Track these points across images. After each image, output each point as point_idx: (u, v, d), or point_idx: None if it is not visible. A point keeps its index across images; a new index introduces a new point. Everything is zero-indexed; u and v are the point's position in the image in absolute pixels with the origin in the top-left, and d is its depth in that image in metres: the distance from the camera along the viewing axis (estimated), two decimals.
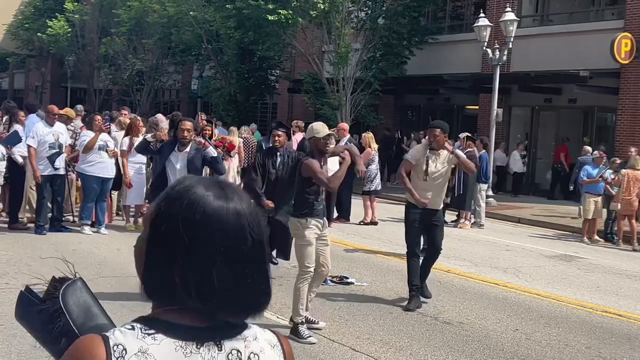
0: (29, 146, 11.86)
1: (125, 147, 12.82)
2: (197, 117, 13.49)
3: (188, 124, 9.33)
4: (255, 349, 1.60)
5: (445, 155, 8.69)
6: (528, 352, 7.22)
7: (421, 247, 9.27)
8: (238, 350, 1.58)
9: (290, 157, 9.50)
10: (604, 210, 15.41)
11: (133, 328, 1.53)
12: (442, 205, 9.01)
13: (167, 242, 1.55)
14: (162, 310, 1.56)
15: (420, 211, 8.68)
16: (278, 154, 9.50)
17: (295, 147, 15.23)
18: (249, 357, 1.59)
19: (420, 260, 8.85)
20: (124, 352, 1.49)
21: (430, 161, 8.61)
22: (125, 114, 16.37)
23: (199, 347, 1.54)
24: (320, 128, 7.49)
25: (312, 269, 7.28)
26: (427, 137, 8.95)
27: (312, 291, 7.58)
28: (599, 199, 15.12)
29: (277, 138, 9.45)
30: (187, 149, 9.19)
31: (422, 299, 8.79)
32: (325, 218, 7.61)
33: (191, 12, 31.10)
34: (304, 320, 7.24)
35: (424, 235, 9.07)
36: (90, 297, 1.80)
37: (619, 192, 14.67)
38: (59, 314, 1.74)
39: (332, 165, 14.24)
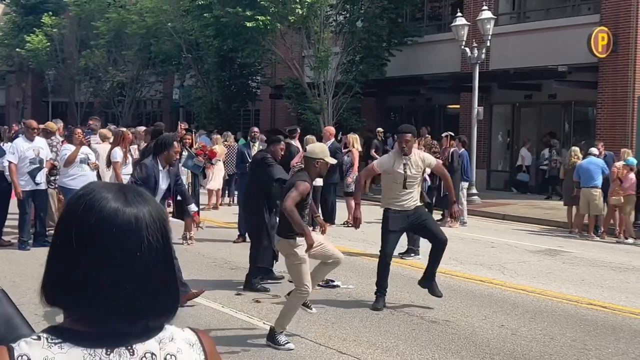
0: (9, 162, 11.80)
1: (118, 159, 12.75)
2: (177, 127, 13.48)
3: (178, 146, 9.11)
4: (171, 350, 1.57)
5: (416, 158, 8.71)
6: (514, 348, 7.26)
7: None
8: (152, 354, 1.55)
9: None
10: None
11: (39, 338, 1.51)
12: (420, 202, 9.03)
13: (65, 245, 1.53)
14: (71, 319, 1.54)
15: (401, 215, 8.69)
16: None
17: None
18: (164, 359, 1.56)
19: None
20: None
21: (407, 168, 8.60)
22: (92, 123, 16.39)
23: (108, 353, 1.51)
24: (327, 152, 7.47)
25: (309, 289, 7.09)
26: (397, 144, 8.87)
27: (322, 273, 7.84)
28: (599, 192, 15.07)
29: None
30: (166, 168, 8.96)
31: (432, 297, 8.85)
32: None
33: (169, 23, 31.08)
34: (283, 332, 7.12)
35: (420, 235, 9.08)
36: (12, 309, 1.79)
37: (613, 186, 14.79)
38: None
39: None
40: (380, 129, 24.45)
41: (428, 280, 8.86)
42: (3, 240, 12.38)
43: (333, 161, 7.53)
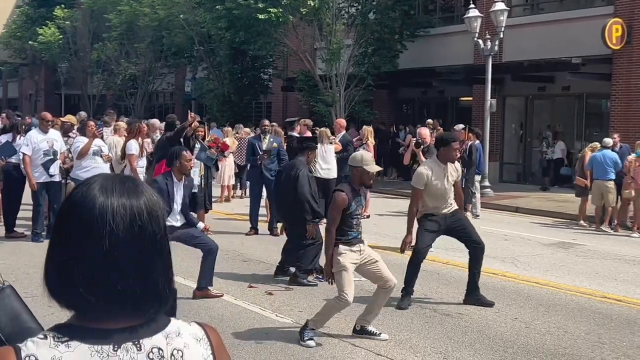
0: (23, 154, 11.86)
1: (134, 151, 12.77)
2: (188, 115, 13.45)
3: (189, 155, 8.95)
4: (178, 344, 1.57)
5: (453, 166, 8.68)
6: (527, 341, 7.23)
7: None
8: (159, 349, 1.55)
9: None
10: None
11: (45, 337, 1.51)
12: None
13: (62, 239, 1.54)
14: (77, 316, 1.54)
15: (439, 219, 8.57)
16: None
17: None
18: (172, 354, 1.55)
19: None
20: None
21: (448, 177, 8.53)
22: (107, 116, 16.49)
23: (116, 349, 1.51)
24: (370, 160, 7.24)
25: (348, 298, 6.92)
26: (442, 154, 8.56)
27: (377, 305, 7.33)
28: (613, 185, 14.95)
29: None
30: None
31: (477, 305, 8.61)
32: (364, 241, 7.42)
33: (181, 15, 31.09)
34: (314, 329, 7.06)
35: (457, 238, 8.93)
36: (20, 304, 1.79)
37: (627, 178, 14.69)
38: None
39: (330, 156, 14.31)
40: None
41: (473, 293, 8.62)
42: (17, 232, 12.44)
43: (375, 169, 7.27)
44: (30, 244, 11.75)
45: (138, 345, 1.53)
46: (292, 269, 9.70)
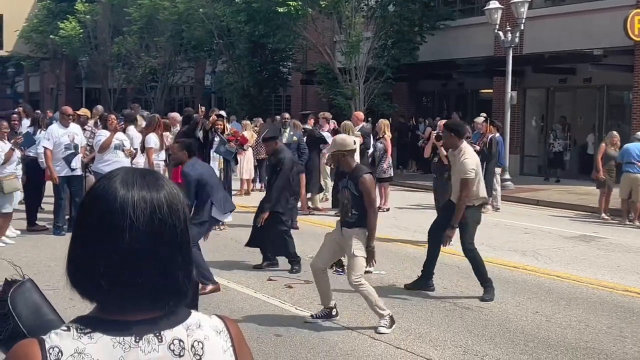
0: (45, 148, 11.94)
1: (152, 145, 12.84)
2: (198, 109, 13.48)
3: (174, 147, 9.06)
4: (199, 336, 1.59)
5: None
6: (548, 334, 7.19)
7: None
8: (180, 340, 1.56)
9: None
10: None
11: (69, 329, 1.53)
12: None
13: (83, 232, 1.57)
14: (99, 308, 1.56)
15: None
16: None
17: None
18: (192, 346, 1.57)
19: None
20: (59, 354, 1.49)
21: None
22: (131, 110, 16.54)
23: (137, 340, 1.53)
24: (339, 142, 7.57)
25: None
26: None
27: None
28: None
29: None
30: None
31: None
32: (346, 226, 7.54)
33: (201, 9, 31.15)
34: (385, 316, 7.19)
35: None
36: (40, 297, 1.80)
37: None
38: (8, 316, 1.74)
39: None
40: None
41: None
42: (38, 225, 12.54)
43: (352, 147, 7.49)
44: (52, 237, 11.86)
45: (159, 337, 1.55)
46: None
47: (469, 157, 8.53)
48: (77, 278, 1.56)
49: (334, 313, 7.47)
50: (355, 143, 7.64)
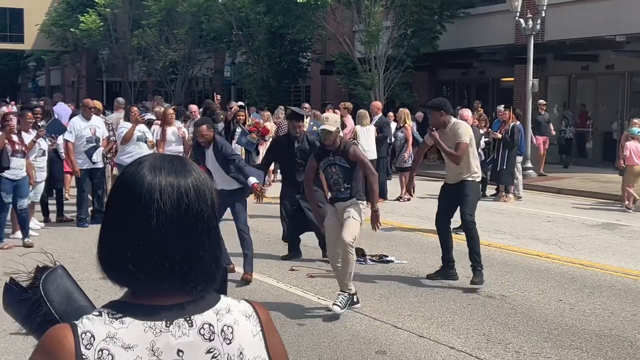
0: (66, 141, 12.02)
1: (159, 137, 12.91)
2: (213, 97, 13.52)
3: (203, 129, 9.01)
4: (228, 321, 1.60)
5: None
6: (572, 322, 7.15)
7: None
8: (210, 324, 1.58)
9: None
10: None
11: (100, 314, 1.55)
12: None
13: (112, 218, 1.59)
14: (130, 293, 1.58)
15: None
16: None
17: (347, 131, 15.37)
18: (222, 330, 1.58)
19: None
20: (92, 339, 1.50)
21: None
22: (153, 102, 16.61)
23: (168, 325, 1.54)
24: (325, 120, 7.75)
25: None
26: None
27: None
28: None
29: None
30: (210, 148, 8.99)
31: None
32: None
33: (220, 0, 31.16)
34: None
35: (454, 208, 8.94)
36: (71, 284, 1.82)
37: None
38: (40, 302, 1.76)
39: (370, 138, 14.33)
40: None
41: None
42: (65, 216, 12.64)
43: (330, 128, 7.49)
44: (75, 229, 11.95)
45: (189, 321, 1.56)
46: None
47: (463, 127, 8.57)
48: (107, 263, 1.58)
49: (355, 299, 7.46)
50: (337, 122, 7.68)
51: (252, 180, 8.42)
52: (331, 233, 7.60)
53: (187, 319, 1.56)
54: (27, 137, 10.60)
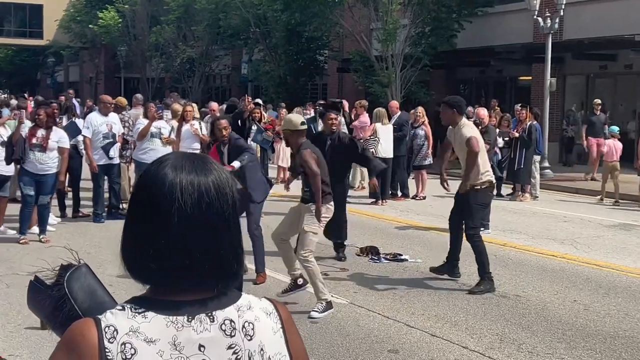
0: (84, 137, 12.09)
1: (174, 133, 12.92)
2: (244, 99, 13.50)
3: (223, 123, 9.08)
4: (249, 317, 1.61)
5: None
6: (586, 323, 7.12)
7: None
8: (231, 320, 1.59)
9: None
10: None
11: (123, 308, 1.57)
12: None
13: (135, 216, 1.61)
14: (151, 289, 1.60)
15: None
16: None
17: (363, 128, 15.38)
18: (243, 326, 1.60)
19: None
20: (115, 332, 1.52)
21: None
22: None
23: (190, 320, 1.56)
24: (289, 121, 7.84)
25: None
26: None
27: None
28: None
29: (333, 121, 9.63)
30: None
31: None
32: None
33: None
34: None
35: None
36: (95, 281, 1.86)
37: None
38: (64, 300, 1.79)
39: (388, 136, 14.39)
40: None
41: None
42: (82, 212, 12.70)
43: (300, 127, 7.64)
44: (92, 224, 12.02)
45: (211, 317, 1.58)
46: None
47: (470, 127, 8.53)
48: (130, 261, 1.61)
49: (299, 282, 7.54)
50: (305, 124, 7.76)
51: (234, 163, 8.46)
52: (287, 218, 7.84)
53: (209, 314, 1.58)
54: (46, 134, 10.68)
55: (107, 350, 1.51)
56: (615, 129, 15.89)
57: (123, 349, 1.51)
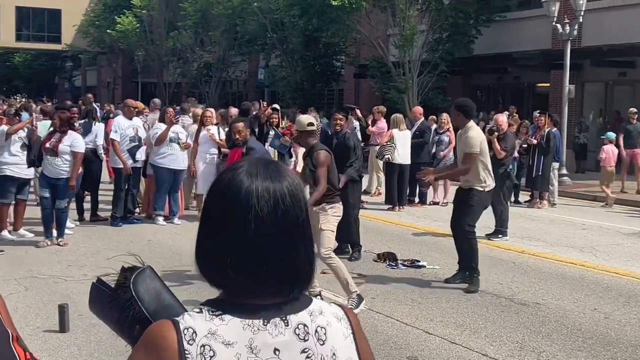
0: (113, 140, 12.14)
1: (193, 137, 12.96)
2: (254, 103, 13.54)
3: (240, 126, 9.19)
4: (321, 322, 1.63)
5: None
6: (607, 332, 7.05)
7: None
8: (305, 325, 1.60)
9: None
10: None
11: (201, 311, 1.58)
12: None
13: (210, 223, 1.61)
14: (227, 292, 1.61)
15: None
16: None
17: (381, 134, 15.40)
18: (315, 331, 1.61)
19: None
20: (194, 334, 1.53)
21: None
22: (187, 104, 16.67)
23: (265, 324, 1.57)
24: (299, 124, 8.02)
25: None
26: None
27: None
28: None
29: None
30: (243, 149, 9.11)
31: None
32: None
33: (255, 3, 31.29)
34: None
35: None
36: (160, 284, 1.86)
37: None
38: (131, 302, 1.80)
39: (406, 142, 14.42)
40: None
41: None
42: (100, 215, 12.73)
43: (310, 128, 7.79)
44: (109, 228, 12.03)
45: (285, 321, 1.60)
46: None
47: (475, 134, 8.50)
48: (205, 267, 1.62)
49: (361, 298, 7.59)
50: (313, 125, 7.91)
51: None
52: None
53: (283, 318, 1.59)
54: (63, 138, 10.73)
55: (186, 352, 1.52)
56: (612, 135, 16.07)
57: (202, 351, 1.52)
